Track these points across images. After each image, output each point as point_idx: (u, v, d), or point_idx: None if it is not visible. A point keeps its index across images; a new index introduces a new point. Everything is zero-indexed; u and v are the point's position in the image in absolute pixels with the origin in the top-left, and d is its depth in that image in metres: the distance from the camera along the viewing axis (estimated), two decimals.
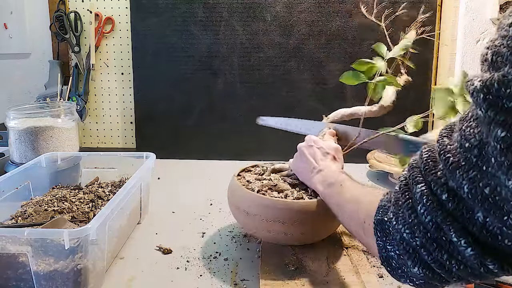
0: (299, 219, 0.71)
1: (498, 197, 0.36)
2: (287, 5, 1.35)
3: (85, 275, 0.62)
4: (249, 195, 0.74)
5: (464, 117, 0.40)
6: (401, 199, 0.45)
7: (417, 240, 0.43)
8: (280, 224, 0.71)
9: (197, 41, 1.40)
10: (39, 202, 0.83)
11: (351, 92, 1.36)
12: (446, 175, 0.40)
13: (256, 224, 0.74)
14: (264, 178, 0.81)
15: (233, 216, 0.82)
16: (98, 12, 1.46)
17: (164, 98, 1.44)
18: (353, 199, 0.61)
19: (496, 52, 0.36)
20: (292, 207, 0.71)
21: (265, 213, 0.72)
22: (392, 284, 0.67)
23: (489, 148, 0.35)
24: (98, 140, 1.55)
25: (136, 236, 0.86)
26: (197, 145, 1.43)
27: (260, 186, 0.77)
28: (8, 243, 0.60)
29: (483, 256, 0.39)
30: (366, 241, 0.54)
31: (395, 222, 0.46)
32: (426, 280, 0.45)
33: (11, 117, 1.08)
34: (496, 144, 0.34)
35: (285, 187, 0.78)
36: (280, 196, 0.75)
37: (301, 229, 0.72)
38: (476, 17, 1.18)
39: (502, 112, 0.34)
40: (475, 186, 0.37)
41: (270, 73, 1.39)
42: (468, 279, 0.43)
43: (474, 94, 0.36)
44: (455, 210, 0.39)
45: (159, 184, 1.16)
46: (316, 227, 0.74)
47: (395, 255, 0.47)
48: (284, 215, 0.71)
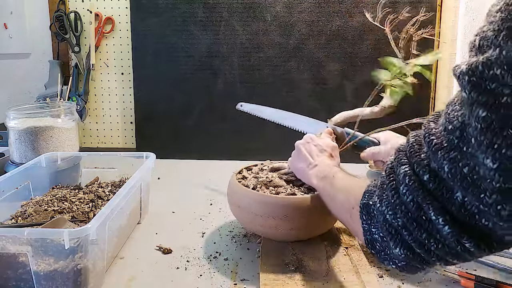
0: (290, 215, 0.72)
1: (476, 176, 0.37)
2: (287, 5, 1.35)
3: (85, 275, 0.62)
4: (244, 190, 0.77)
5: (450, 102, 0.41)
6: (385, 181, 0.47)
7: (399, 220, 0.44)
8: (271, 219, 0.73)
9: (197, 41, 1.40)
10: (39, 202, 0.83)
11: (351, 92, 1.36)
12: (429, 157, 0.41)
13: (250, 219, 0.77)
14: (261, 176, 0.83)
15: (231, 211, 0.84)
16: (98, 12, 1.46)
17: (164, 98, 1.43)
18: (343, 188, 0.62)
19: (483, 37, 0.37)
20: (282, 203, 0.73)
21: (257, 208, 0.74)
22: (392, 284, 0.67)
23: (470, 129, 0.37)
24: (98, 140, 1.55)
25: (136, 236, 0.86)
26: (197, 145, 1.43)
27: (256, 183, 0.79)
28: (8, 243, 0.60)
29: (460, 235, 0.40)
30: (353, 226, 0.56)
31: (379, 204, 0.47)
32: (408, 261, 0.46)
33: (11, 117, 1.08)
34: (477, 124, 0.36)
35: (279, 183, 0.79)
36: (273, 192, 0.77)
37: (291, 224, 0.73)
38: (476, 17, 1.18)
39: (484, 93, 0.35)
40: (455, 166, 0.39)
41: (270, 73, 1.39)
42: (446, 258, 0.44)
43: (460, 77, 0.37)
44: (436, 190, 0.41)
45: (159, 184, 1.16)
46: (308, 223, 0.75)
47: (379, 237, 0.48)
48: (274, 210, 0.73)
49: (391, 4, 1.29)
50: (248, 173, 0.87)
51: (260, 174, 0.85)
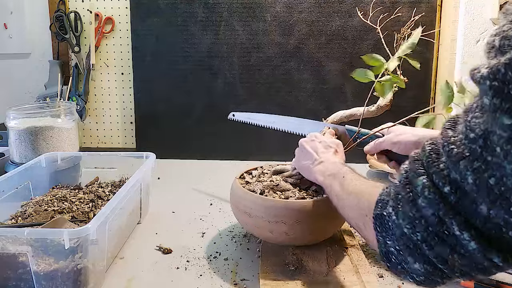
0: (301, 219, 0.70)
1: (503, 187, 0.35)
2: (287, 5, 1.35)
3: (85, 275, 0.62)
4: (251, 196, 0.74)
5: (469, 108, 0.39)
6: (401, 192, 0.44)
7: (418, 234, 0.41)
8: (282, 225, 0.70)
9: (197, 41, 1.40)
10: (39, 202, 0.83)
11: (351, 92, 1.36)
12: (449, 167, 0.39)
13: (258, 225, 0.73)
14: (265, 180, 0.81)
15: (235, 218, 0.81)
16: (98, 12, 1.46)
17: (164, 98, 1.44)
18: (354, 191, 0.59)
19: (504, 37, 0.35)
20: (293, 207, 0.70)
21: (266, 214, 0.71)
22: (392, 284, 0.67)
23: (494, 137, 0.35)
24: (98, 140, 1.55)
25: (136, 236, 0.86)
26: (197, 145, 1.43)
27: (262, 187, 0.76)
28: (8, 243, 0.60)
29: (487, 249, 0.37)
30: (366, 234, 0.53)
31: (395, 216, 0.44)
32: (427, 276, 0.44)
33: (11, 117, 1.08)
34: (502, 133, 0.33)
35: (287, 187, 0.77)
36: (282, 196, 0.74)
37: (303, 229, 0.71)
38: (476, 17, 1.18)
39: (508, 98, 0.33)
40: (479, 177, 0.36)
41: (270, 73, 1.39)
42: (471, 274, 0.41)
43: (480, 81, 0.35)
44: (458, 202, 0.38)
45: (159, 184, 1.16)
46: (318, 227, 0.73)
47: (395, 250, 0.45)
48: (285, 215, 0.70)
49: (391, 4, 1.29)
50: (249, 177, 0.84)
51: (263, 178, 0.82)
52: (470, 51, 1.19)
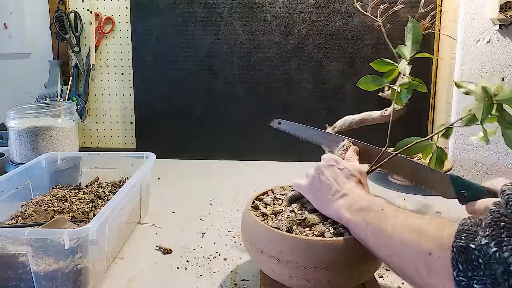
0: (345, 262, 0.56)
1: None
2: (287, 5, 1.35)
3: (85, 275, 0.62)
4: (277, 235, 0.58)
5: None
6: (505, 219, 0.36)
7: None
8: (323, 271, 0.55)
9: (197, 41, 1.40)
10: (39, 202, 0.83)
11: (351, 92, 1.36)
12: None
13: (290, 272, 0.57)
14: (283, 209, 0.66)
15: (251, 258, 0.66)
16: (98, 12, 1.46)
17: (164, 98, 1.44)
18: (407, 227, 0.47)
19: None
20: (336, 248, 0.56)
21: (302, 258, 0.56)
22: (392, 284, 0.67)
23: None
24: (98, 140, 1.55)
25: (136, 236, 0.86)
26: (197, 145, 1.43)
27: (286, 222, 0.61)
28: (8, 243, 0.60)
29: None
30: (429, 281, 0.42)
31: (496, 248, 0.35)
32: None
33: (11, 117, 1.08)
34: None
35: (314, 220, 0.62)
36: (315, 233, 0.59)
37: (348, 273, 0.56)
38: (476, 17, 1.18)
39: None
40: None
41: (270, 73, 1.39)
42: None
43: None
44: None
45: (159, 184, 1.16)
46: (362, 270, 0.58)
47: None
48: (328, 259, 0.55)
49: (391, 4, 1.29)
50: (262, 205, 0.69)
51: (280, 208, 0.66)
52: (470, 51, 1.19)
